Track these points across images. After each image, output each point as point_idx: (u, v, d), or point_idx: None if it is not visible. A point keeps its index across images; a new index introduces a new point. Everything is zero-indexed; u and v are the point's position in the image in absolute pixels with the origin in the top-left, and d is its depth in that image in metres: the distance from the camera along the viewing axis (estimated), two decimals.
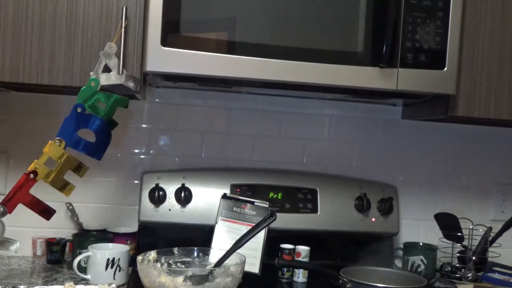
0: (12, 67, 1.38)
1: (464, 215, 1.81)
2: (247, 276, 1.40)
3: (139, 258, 1.32)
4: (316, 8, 1.42)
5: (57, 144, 1.37)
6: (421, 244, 1.82)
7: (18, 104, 1.77)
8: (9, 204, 1.35)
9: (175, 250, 1.44)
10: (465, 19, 1.52)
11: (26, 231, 1.75)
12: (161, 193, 1.71)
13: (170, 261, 1.41)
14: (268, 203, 1.67)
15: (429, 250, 1.78)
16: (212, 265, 1.40)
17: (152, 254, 1.39)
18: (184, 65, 1.37)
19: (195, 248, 1.47)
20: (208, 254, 1.47)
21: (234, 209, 1.65)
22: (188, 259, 1.45)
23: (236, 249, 1.38)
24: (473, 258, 1.74)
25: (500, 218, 1.93)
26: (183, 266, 1.43)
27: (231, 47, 1.39)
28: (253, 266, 1.57)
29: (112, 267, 1.48)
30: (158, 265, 1.38)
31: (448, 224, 1.78)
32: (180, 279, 1.25)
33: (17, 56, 1.38)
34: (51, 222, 1.51)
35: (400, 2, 1.43)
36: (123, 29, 1.37)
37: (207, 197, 1.73)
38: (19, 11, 1.38)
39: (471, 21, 1.54)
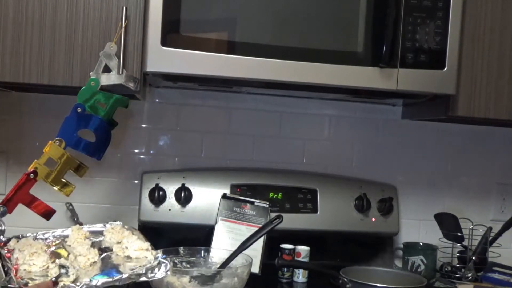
0: (12, 67, 1.38)
1: (464, 215, 1.81)
2: None
3: None
4: (316, 8, 1.42)
5: (57, 144, 1.37)
6: (421, 244, 1.82)
7: (18, 104, 1.77)
8: (9, 204, 1.35)
9: (181, 249, 1.44)
10: (465, 19, 1.52)
11: (26, 231, 1.75)
12: (161, 193, 1.71)
13: (176, 261, 1.42)
14: (268, 203, 1.67)
15: (429, 250, 1.78)
16: (217, 265, 1.40)
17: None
18: (184, 65, 1.37)
19: (201, 248, 1.47)
20: (213, 254, 1.47)
21: (234, 209, 1.65)
22: (193, 259, 1.45)
23: (242, 250, 1.39)
24: (473, 258, 1.74)
25: (500, 218, 1.93)
26: (188, 266, 1.43)
27: (231, 47, 1.39)
28: (253, 266, 1.56)
29: None
30: None
31: (448, 224, 1.78)
32: (186, 279, 1.25)
33: (17, 56, 1.38)
34: (51, 222, 1.51)
35: (400, 2, 1.43)
36: (123, 29, 1.37)
37: (207, 197, 1.73)
38: (19, 11, 1.38)
39: (471, 21, 1.54)
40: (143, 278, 1.19)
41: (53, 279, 1.12)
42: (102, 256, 1.27)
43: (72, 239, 1.32)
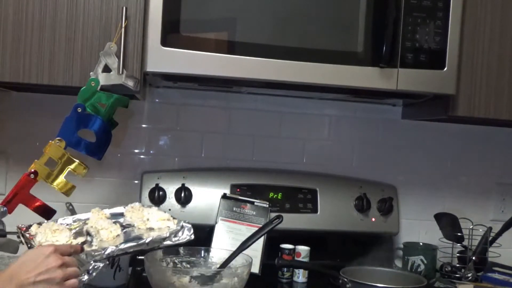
0: (12, 67, 1.38)
1: (464, 215, 1.81)
2: None
3: (147, 257, 1.32)
4: (316, 8, 1.42)
5: (58, 144, 1.37)
6: (421, 244, 1.82)
7: (18, 104, 1.77)
8: (10, 204, 1.35)
9: (181, 249, 1.44)
10: (465, 19, 1.52)
11: None
12: (161, 193, 1.71)
13: (176, 261, 1.42)
14: (268, 203, 1.67)
15: (429, 250, 1.78)
16: (217, 265, 1.40)
17: (158, 254, 1.39)
18: (184, 65, 1.38)
19: (201, 248, 1.47)
20: (213, 254, 1.47)
21: (234, 209, 1.65)
22: (193, 259, 1.45)
23: (242, 250, 1.39)
24: (473, 258, 1.74)
25: (500, 218, 1.93)
26: (188, 266, 1.43)
27: (231, 47, 1.39)
28: (253, 266, 1.56)
29: (112, 267, 1.47)
30: (164, 264, 1.38)
31: (448, 224, 1.78)
32: (186, 279, 1.25)
33: (17, 56, 1.38)
34: None
35: (400, 2, 1.43)
36: (123, 29, 1.37)
37: (207, 197, 1.73)
38: (19, 11, 1.38)
39: (471, 21, 1.54)
40: (168, 242, 1.21)
41: (79, 243, 1.13)
42: (124, 230, 1.28)
43: (93, 220, 1.34)
